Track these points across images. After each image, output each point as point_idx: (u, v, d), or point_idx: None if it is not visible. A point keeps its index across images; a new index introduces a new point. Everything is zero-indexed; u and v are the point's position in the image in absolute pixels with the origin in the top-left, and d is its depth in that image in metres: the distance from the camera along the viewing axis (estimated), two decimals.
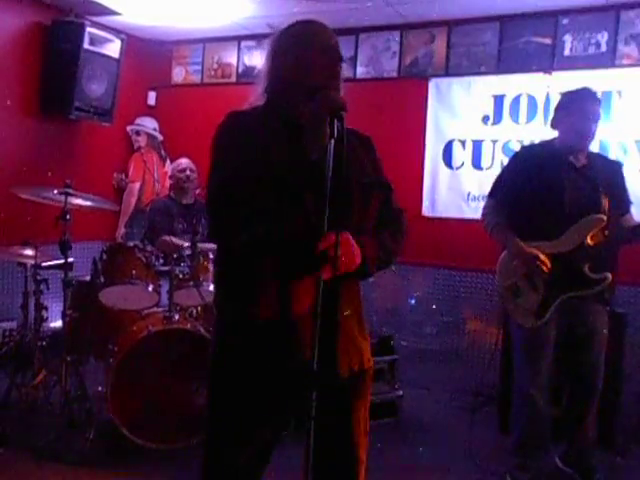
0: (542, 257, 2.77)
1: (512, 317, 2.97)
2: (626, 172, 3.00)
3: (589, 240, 2.76)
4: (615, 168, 2.98)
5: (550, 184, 2.80)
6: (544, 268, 2.77)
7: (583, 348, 2.90)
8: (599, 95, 2.89)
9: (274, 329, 1.63)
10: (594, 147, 3.27)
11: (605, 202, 2.80)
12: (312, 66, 1.63)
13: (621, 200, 2.90)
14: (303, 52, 1.64)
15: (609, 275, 2.75)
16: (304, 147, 1.54)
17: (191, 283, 3.42)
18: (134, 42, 5.14)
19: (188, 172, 4.13)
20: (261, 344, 1.64)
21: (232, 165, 1.58)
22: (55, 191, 3.26)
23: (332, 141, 1.47)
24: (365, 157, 1.75)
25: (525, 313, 2.89)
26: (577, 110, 2.82)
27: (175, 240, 3.62)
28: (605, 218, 2.75)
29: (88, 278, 3.57)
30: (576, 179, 2.82)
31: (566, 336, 2.88)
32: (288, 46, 1.67)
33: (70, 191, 3.24)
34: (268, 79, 1.70)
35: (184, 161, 4.21)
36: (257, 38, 5.16)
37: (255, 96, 1.73)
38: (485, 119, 4.44)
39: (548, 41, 4.22)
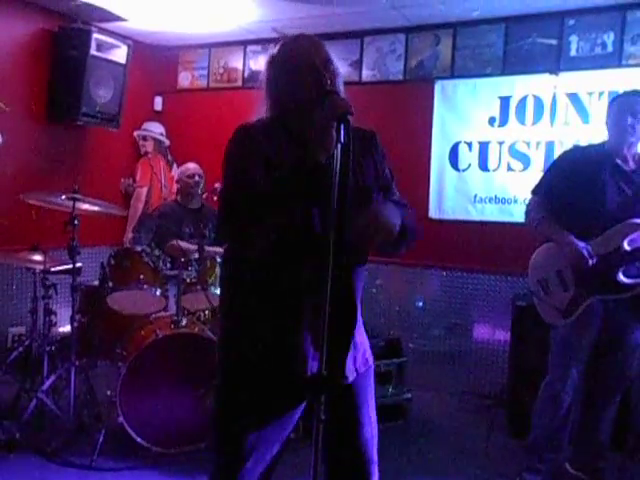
0: (586, 253, 2.72)
1: (541, 315, 2.95)
2: None
3: (626, 245, 2.72)
4: None
5: (593, 184, 2.78)
6: (589, 262, 2.72)
7: (607, 351, 2.89)
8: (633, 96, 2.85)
9: (278, 334, 1.66)
10: None
11: None
12: (301, 90, 1.66)
13: None
14: (290, 78, 1.68)
15: None
16: (311, 152, 1.55)
17: (198, 287, 3.43)
18: (140, 48, 5.17)
19: (197, 178, 4.14)
20: (264, 350, 1.67)
21: (243, 176, 1.62)
22: (63, 196, 3.28)
23: (339, 146, 1.47)
24: (367, 157, 1.76)
25: (551, 310, 2.88)
26: (610, 114, 2.85)
27: (183, 244, 3.63)
28: None
29: (96, 283, 3.59)
30: (621, 182, 2.79)
31: (599, 340, 2.86)
32: (277, 73, 1.73)
33: (78, 196, 3.26)
34: (268, 101, 1.76)
35: (192, 166, 4.22)
36: (263, 42, 5.17)
37: (261, 108, 1.77)
38: (491, 121, 4.43)
39: (554, 42, 4.21)
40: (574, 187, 2.82)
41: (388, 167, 1.84)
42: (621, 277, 2.73)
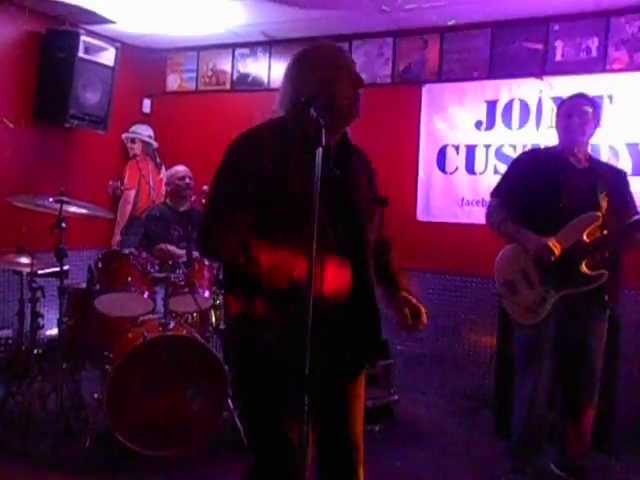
0: (551, 244, 2.77)
1: (511, 315, 2.99)
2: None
3: (585, 237, 2.79)
4: (619, 176, 3.02)
5: (549, 183, 2.86)
6: (554, 253, 2.77)
7: (578, 350, 2.92)
8: (579, 99, 2.94)
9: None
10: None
11: (604, 202, 2.84)
12: (339, 89, 1.68)
13: (626, 208, 2.93)
14: (331, 73, 1.68)
15: (605, 272, 2.77)
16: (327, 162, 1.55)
17: (186, 290, 3.43)
18: (129, 50, 5.16)
19: (187, 180, 4.15)
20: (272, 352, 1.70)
21: (229, 192, 1.64)
22: (50, 199, 3.28)
23: (320, 149, 1.49)
24: (362, 171, 1.82)
25: (522, 310, 2.92)
26: (559, 117, 2.96)
27: (172, 249, 3.64)
28: (600, 215, 2.78)
29: (84, 285, 3.58)
30: (575, 179, 2.87)
31: (564, 338, 2.90)
32: (316, 65, 1.71)
33: (65, 199, 3.25)
34: (289, 95, 1.72)
35: (182, 169, 4.22)
36: (251, 46, 5.19)
37: (270, 109, 1.76)
38: (478, 124, 4.47)
39: (540, 47, 4.26)
40: (532, 187, 2.90)
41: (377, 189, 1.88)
42: (584, 269, 2.80)
